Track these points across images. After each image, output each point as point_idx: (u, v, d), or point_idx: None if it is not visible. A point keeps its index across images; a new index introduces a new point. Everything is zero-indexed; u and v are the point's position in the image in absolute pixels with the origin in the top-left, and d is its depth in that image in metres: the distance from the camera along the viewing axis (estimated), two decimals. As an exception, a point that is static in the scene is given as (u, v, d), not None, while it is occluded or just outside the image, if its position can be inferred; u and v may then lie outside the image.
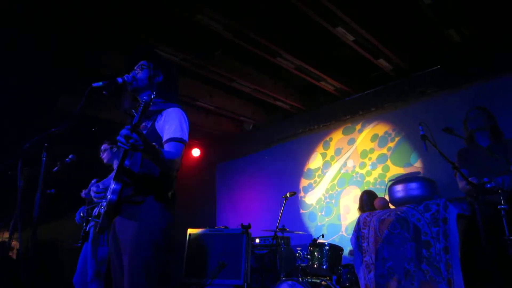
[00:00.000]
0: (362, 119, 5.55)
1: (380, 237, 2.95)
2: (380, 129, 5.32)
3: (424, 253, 2.68)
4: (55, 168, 3.26)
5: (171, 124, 1.95)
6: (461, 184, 3.05)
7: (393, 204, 3.16)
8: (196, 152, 7.22)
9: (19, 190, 2.13)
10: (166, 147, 1.91)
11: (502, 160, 2.80)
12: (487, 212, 2.64)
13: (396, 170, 4.98)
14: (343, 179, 5.55)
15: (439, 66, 4.72)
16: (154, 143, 1.79)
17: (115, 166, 3.60)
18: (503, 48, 4.22)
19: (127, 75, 2.05)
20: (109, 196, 1.78)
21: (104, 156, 3.67)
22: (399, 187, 3.01)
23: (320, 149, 5.99)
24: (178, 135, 1.93)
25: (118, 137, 1.60)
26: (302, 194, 5.98)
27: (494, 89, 4.29)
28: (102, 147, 3.70)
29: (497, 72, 4.29)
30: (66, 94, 4.94)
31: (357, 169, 5.40)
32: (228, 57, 4.77)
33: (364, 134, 5.47)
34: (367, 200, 4.36)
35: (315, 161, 6.01)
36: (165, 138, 1.93)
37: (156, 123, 2.00)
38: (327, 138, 5.93)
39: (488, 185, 2.54)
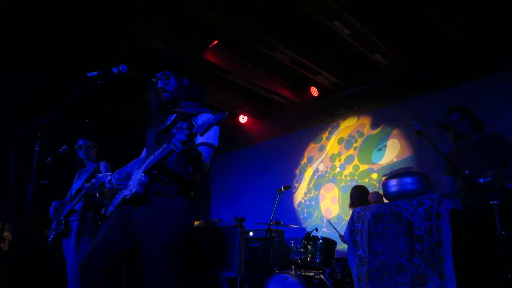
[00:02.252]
0: (358, 114, 5.62)
1: (373, 231, 2.96)
2: (344, 132, 5.73)
3: (417, 247, 2.70)
4: (48, 159, 3.22)
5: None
6: (447, 183, 3.10)
7: (387, 199, 3.16)
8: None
9: (11, 180, 2.10)
10: (199, 149, 1.96)
11: (494, 156, 2.81)
12: (479, 208, 2.67)
13: (364, 167, 5.36)
14: (319, 184, 5.86)
15: (434, 63, 4.73)
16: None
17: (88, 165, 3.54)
18: (500, 46, 4.24)
19: (122, 65, 2.04)
20: (135, 189, 1.88)
21: (88, 151, 3.50)
22: (393, 182, 3.01)
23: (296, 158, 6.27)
24: (211, 140, 2.05)
25: (173, 140, 1.68)
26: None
27: (491, 86, 4.31)
28: (81, 142, 3.52)
29: (493, 70, 4.31)
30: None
31: (330, 171, 5.77)
32: (223, 49, 4.74)
33: (332, 140, 5.86)
34: (357, 196, 4.31)
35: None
36: (198, 141, 2.00)
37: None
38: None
39: (481, 180, 2.56)
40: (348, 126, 5.72)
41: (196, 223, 4.63)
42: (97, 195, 1.96)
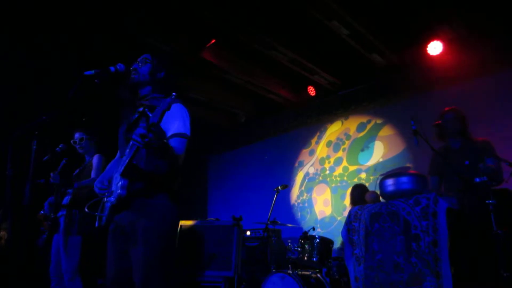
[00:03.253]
0: (354, 114, 5.64)
1: (370, 230, 2.97)
2: (332, 135, 5.85)
3: (414, 246, 2.71)
4: (46, 158, 3.20)
5: (174, 119, 1.97)
6: (433, 183, 3.12)
7: (384, 198, 3.17)
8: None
9: (8, 179, 2.09)
10: (171, 142, 1.92)
11: (475, 162, 2.83)
12: (475, 207, 2.68)
13: (353, 168, 5.47)
14: (310, 187, 5.94)
15: (431, 63, 4.73)
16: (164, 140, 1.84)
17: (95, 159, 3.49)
18: (497, 46, 4.24)
19: (119, 64, 2.03)
20: (118, 191, 1.82)
21: (83, 145, 3.49)
22: (390, 181, 3.01)
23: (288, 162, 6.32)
24: (181, 130, 1.97)
25: (134, 136, 1.64)
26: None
27: (489, 87, 4.33)
28: (76, 136, 3.50)
29: (491, 70, 4.32)
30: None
31: (320, 173, 5.88)
32: (221, 48, 4.74)
33: (321, 144, 5.97)
34: (359, 194, 4.32)
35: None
36: (169, 134, 1.95)
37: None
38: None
39: (478, 179, 2.57)
40: (335, 130, 5.84)
41: (193, 222, 4.64)
42: (86, 210, 1.92)
